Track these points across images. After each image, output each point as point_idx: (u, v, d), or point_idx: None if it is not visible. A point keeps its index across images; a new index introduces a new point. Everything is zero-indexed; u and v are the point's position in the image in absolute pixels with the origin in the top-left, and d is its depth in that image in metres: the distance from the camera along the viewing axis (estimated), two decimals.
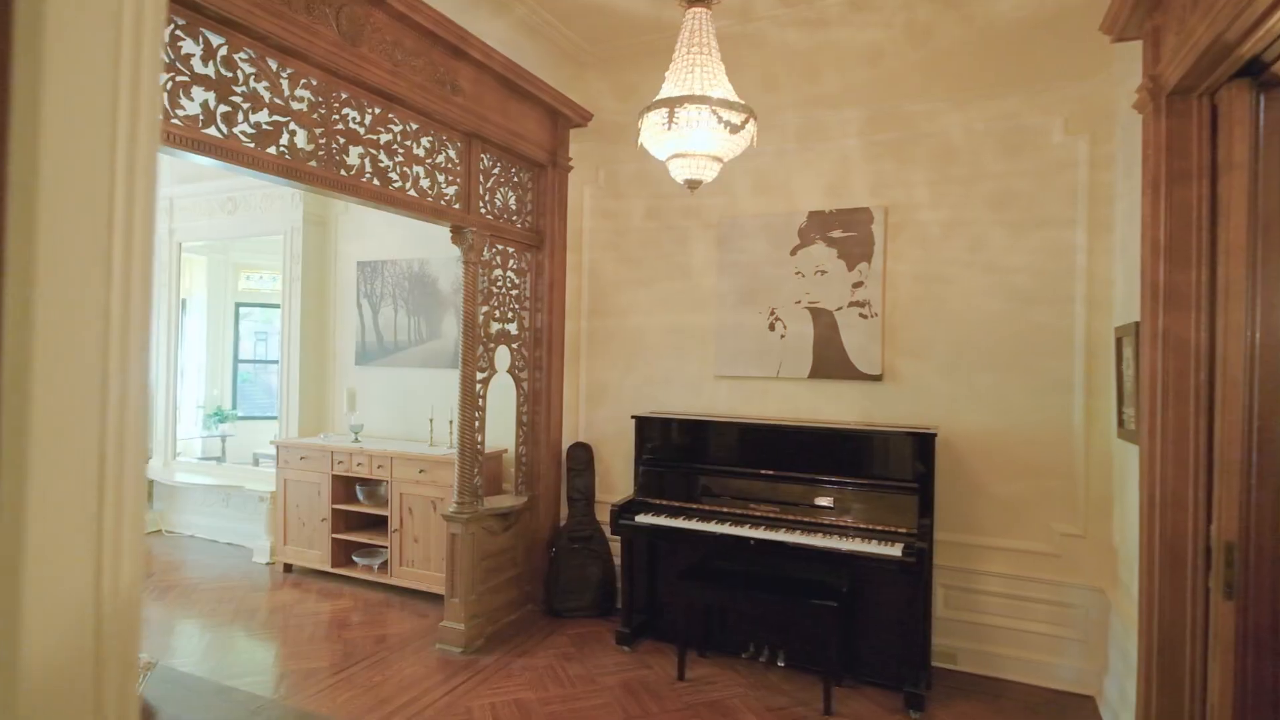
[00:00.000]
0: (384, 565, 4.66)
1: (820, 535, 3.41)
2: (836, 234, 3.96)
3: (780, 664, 3.56)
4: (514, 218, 4.29)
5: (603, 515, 4.31)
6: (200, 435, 6.83)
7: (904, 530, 3.35)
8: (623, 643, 3.87)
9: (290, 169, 2.82)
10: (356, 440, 4.90)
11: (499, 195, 4.16)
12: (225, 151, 2.57)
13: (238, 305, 7.28)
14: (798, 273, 4.06)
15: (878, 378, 3.85)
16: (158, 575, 4.94)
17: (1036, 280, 3.52)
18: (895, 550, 3.20)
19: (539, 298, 4.48)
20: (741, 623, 3.74)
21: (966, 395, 3.66)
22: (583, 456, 4.52)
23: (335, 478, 4.81)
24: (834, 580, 3.47)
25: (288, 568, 5.02)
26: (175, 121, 2.42)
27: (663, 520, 3.73)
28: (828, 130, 4.03)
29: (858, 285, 3.90)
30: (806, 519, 3.55)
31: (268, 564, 5.15)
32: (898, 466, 3.55)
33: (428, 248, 5.10)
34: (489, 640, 3.92)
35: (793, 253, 4.08)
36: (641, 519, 3.77)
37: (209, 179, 5.73)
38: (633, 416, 4.15)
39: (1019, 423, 3.54)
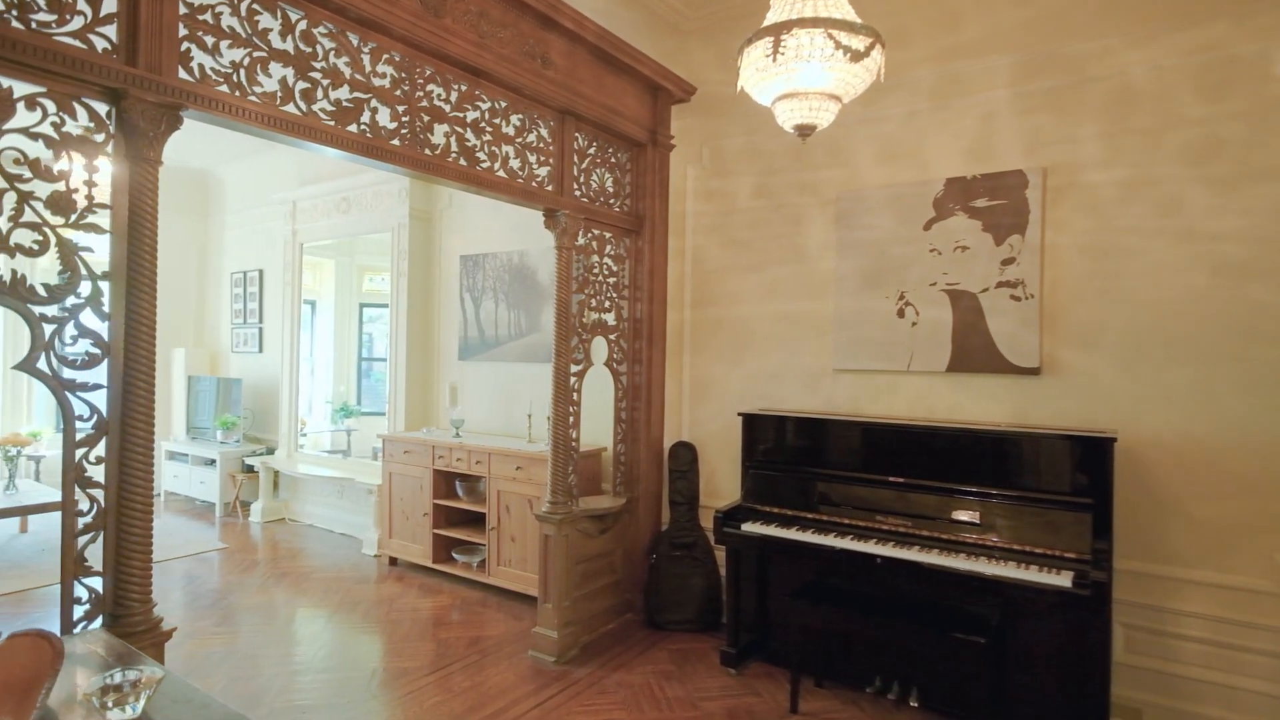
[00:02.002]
0: (482, 564, 4.54)
1: (963, 556, 2.88)
2: (980, 203, 3.38)
3: (913, 703, 3.05)
4: (611, 200, 4.02)
5: (707, 521, 3.95)
6: (329, 429, 7.15)
7: (1071, 555, 2.76)
8: (728, 664, 3.49)
9: (371, 147, 2.68)
10: (457, 435, 4.82)
11: (595, 176, 3.90)
12: (303, 129, 2.45)
13: (361, 306, 7.55)
14: (933, 250, 3.51)
15: (1034, 371, 3.24)
16: (277, 561, 5.11)
17: (1253, 249, 2.79)
18: (1062, 579, 2.63)
19: (638, 286, 4.19)
20: (867, 650, 3.26)
21: (1153, 393, 2.98)
22: (686, 457, 4.18)
23: (436, 473, 4.75)
24: (978, 610, 2.93)
25: (393, 561, 5.03)
26: (252, 99, 2.31)
27: (773, 530, 3.32)
28: (969, 83, 3.45)
29: (1008, 262, 3.31)
30: (944, 536, 3.02)
31: (375, 556, 5.20)
32: (1059, 477, 2.94)
33: (526, 239, 4.95)
34: (584, 650, 3.67)
35: (926, 227, 3.53)
36: (749, 528, 3.38)
37: (326, 179, 5.90)
38: (739, 414, 3.76)
39: (1228, 427, 2.82)
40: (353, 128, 2.62)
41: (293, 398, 6.18)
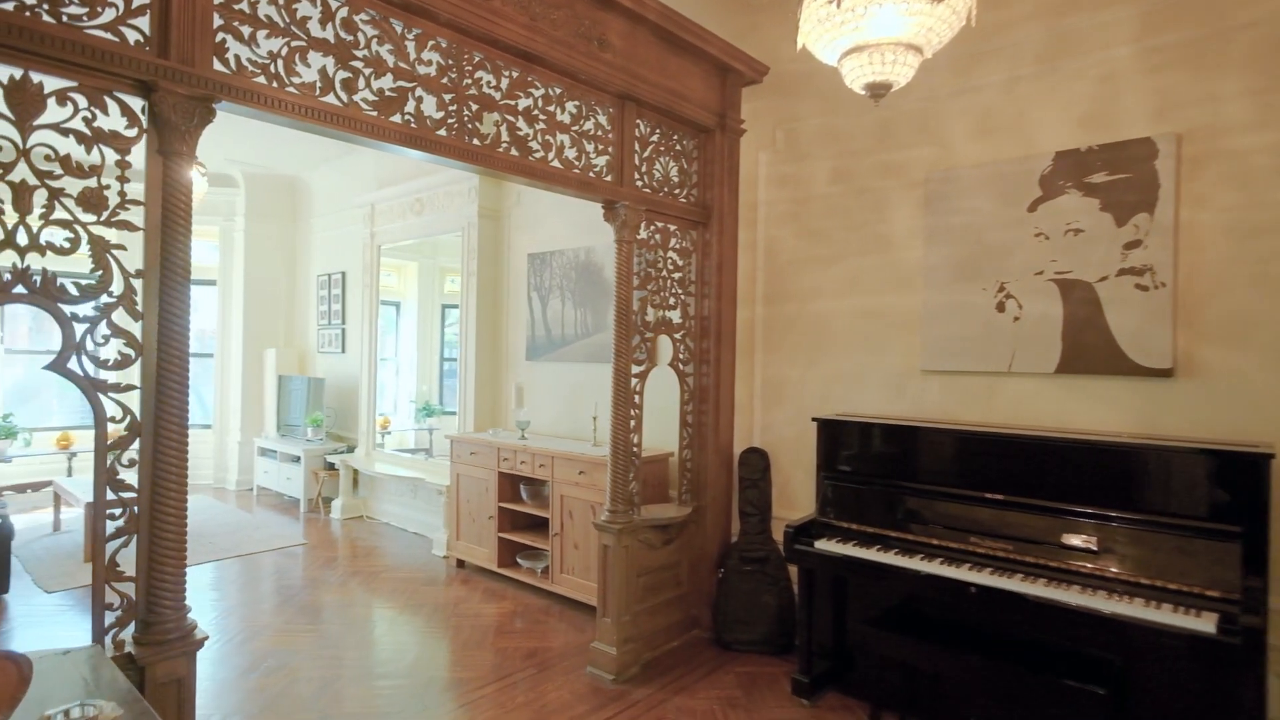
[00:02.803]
0: (546, 570, 4.41)
1: (1076, 589, 2.47)
2: (1098, 178, 2.93)
3: None
4: (676, 190, 3.79)
5: (781, 533, 3.65)
6: (413, 429, 7.29)
7: (1214, 593, 2.31)
8: (801, 693, 3.18)
9: (415, 138, 2.57)
10: (523, 437, 4.72)
11: (658, 165, 3.68)
12: (344, 120, 2.36)
13: (443, 307, 7.66)
14: (1039, 235, 3.08)
15: (1165, 373, 2.76)
16: (350, 559, 5.18)
17: None
18: (1203, 623, 2.19)
19: (706, 281, 3.93)
20: (959, 689, 2.88)
21: None
22: (757, 464, 3.89)
23: (501, 475, 4.67)
24: (1095, 653, 2.51)
25: (460, 563, 4.99)
26: (290, 90, 2.23)
27: (851, 549, 2.99)
28: (1082, 42, 3.01)
29: (1132, 246, 2.84)
30: (1053, 563, 2.62)
31: (443, 558, 5.18)
32: (1196, 499, 2.48)
33: (592, 235, 4.79)
34: (645, 669, 3.45)
35: (1031, 208, 3.10)
36: (823, 545, 3.06)
37: (402, 181, 5.97)
38: (814, 419, 3.44)
39: None
40: (396, 118, 2.52)
41: (371, 397, 6.29)
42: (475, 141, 2.79)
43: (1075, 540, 2.63)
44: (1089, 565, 2.56)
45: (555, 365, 5.11)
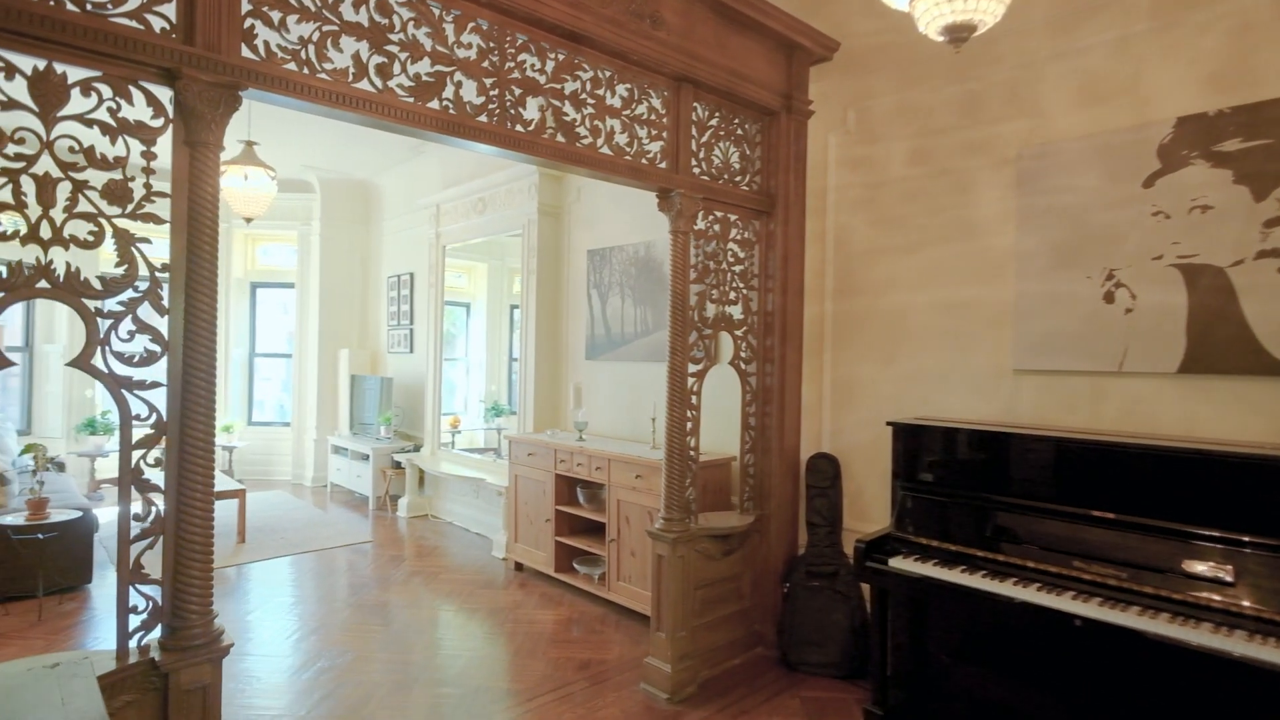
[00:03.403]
0: (603, 577, 4.25)
1: (1208, 627, 2.09)
2: (1230, 146, 2.50)
3: None
4: (737, 178, 3.55)
5: (852, 547, 3.35)
6: (482, 428, 7.33)
7: None
8: None
9: (454, 124, 2.45)
10: (581, 439, 4.59)
11: (717, 151, 3.45)
12: (378, 107, 2.26)
13: (511, 307, 7.68)
14: (1157, 213, 2.67)
15: None
16: (412, 559, 5.19)
17: None
18: None
19: (769, 274, 3.67)
20: None
21: None
22: (826, 471, 3.60)
23: (558, 477, 4.55)
24: (1232, 706, 2.11)
25: (518, 566, 4.90)
26: (321, 76, 2.15)
27: (931, 569, 2.67)
28: None
29: (1274, 224, 2.41)
30: (1174, 595, 2.23)
31: (502, 560, 5.11)
32: None
33: (652, 229, 4.60)
34: (702, 688, 3.23)
35: (1148, 184, 2.70)
36: (899, 564, 2.76)
37: (465, 180, 5.97)
38: (889, 423, 3.13)
39: None
40: (433, 104, 2.41)
41: (436, 397, 6.33)
42: (518, 128, 2.65)
43: (1202, 568, 2.24)
44: (1221, 598, 2.16)
45: (614, 364, 4.95)
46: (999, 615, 2.53)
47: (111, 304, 1.81)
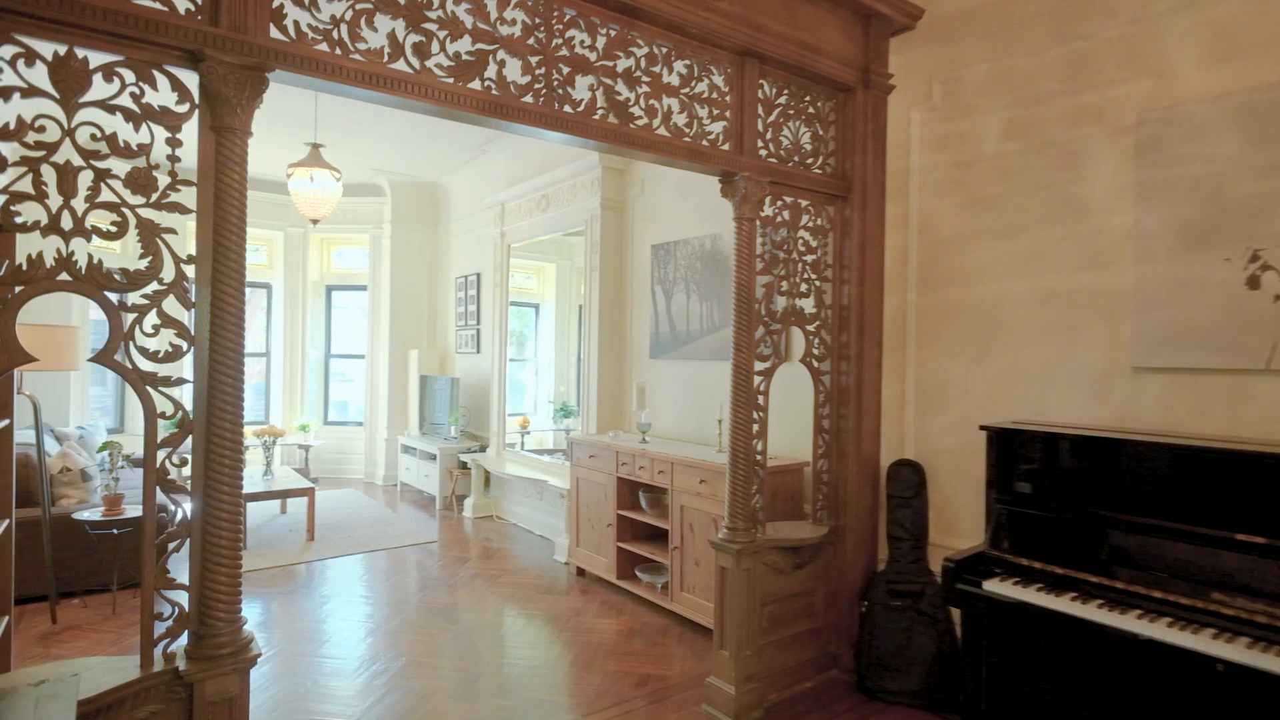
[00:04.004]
0: (665, 587, 4.04)
1: None
2: None
3: None
4: (808, 160, 3.26)
5: (939, 563, 3.01)
6: (550, 429, 7.27)
7: None
8: None
9: (497, 106, 2.29)
10: (644, 441, 4.39)
11: (786, 131, 3.18)
12: (415, 88, 2.13)
13: (579, 307, 7.59)
14: None
15: None
16: (475, 560, 5.13)
17: None
18: None
19: (845, 264, 3.37)
20: None
21: None
22: (910, 480, 3.26)
23: (620, 480, 4.37)
24: None
25: (580, 571, 4.75)
26: (355, 57, 2.03)
27: (1034, 595, 2.32)
28: None
29: None
30: None
31: (564, 564, 4.98)
32: None
33: (718, 220, 4.36)
34: (770, 713, 2.97)
35: None
36: (996, 587, 2.42)
37: (529, 178, 5.90)
38: (983, 428, 2.78)
39: None
40: (474, 84, 2.26)
41: (501, 397, 6.28)
42: (566, 108, 2.47)
43: None
44: None
45: (679, 363, 4.73)
46: (1119, 652, 2.17)
47: (135, 297, 1.74)
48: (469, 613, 4.13)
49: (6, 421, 2.66)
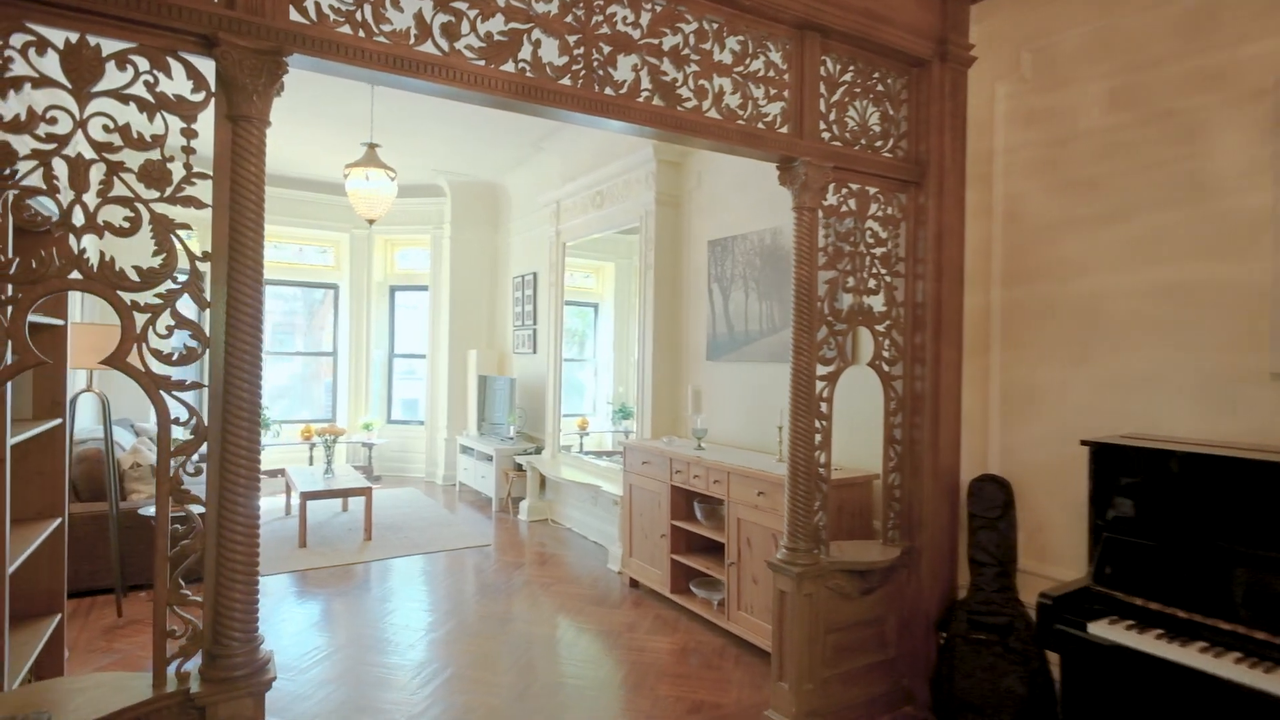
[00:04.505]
0: (722, 604, 3.80)
1: None
2: None
3: None
4: (877, 142, 2.97)
5: (1030, 593, 2.68)
6: (609, 431, 7.14)
7: None
8: None
9: (532, 89, 2.13)
10: (699, 447, 4.17)
11: (852, 111, 2.90)
12: (444, 71, 1.99)
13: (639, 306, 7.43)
14: None
15: None
16: (527, 566, 5.02)
17: None
18: None
19: (919, 258, 3.06)
20: None
21: None
22: (995, 498, 2.92)
23: (674, 489, 4.16)
24: None
25: (633, 583, 4.57)
26: (379, 39, 1.90)
27: (1154, 644, 1.99)
28: None
29: None
30: None
31: (618, 573, 4.80)
32: None
33: (778, 213, 4.09)
34: None
35: None
36: (1104, 631, 2.08)
37: (583, 174, 5.77)
38: (1084, 442, 2.43)
39: None
40: (508, 66, 2.10)
41: (556, 399, 6.17)
42: (607, 91, 2.29)
43: None
44: None
45: (737, 366, 4.48)
46: (1257, 713, 1.81)
47: (148, 297, 1.65)
48: (519, 622, 4.01)
49: (59, 421, 2.68)
